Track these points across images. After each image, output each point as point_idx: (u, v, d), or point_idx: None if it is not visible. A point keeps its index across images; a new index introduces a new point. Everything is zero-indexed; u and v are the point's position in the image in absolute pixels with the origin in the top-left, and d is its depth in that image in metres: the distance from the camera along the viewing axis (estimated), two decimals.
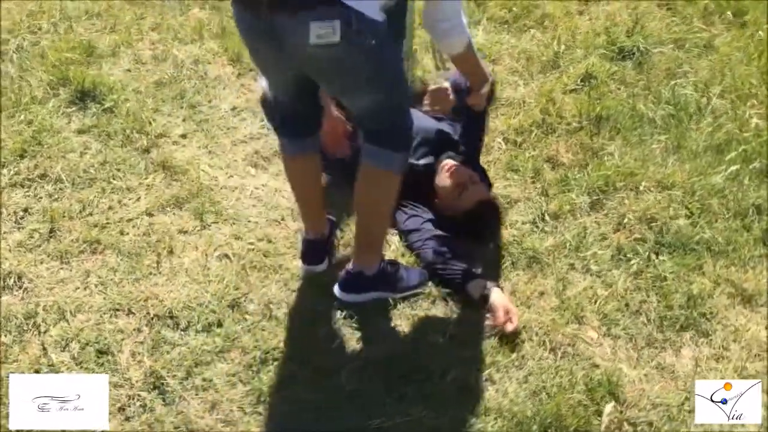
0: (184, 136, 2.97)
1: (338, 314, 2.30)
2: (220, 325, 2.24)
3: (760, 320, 2.37)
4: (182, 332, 2.22)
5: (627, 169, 2.87)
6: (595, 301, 2.40)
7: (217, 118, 3.07)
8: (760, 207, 2.72)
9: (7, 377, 2.03)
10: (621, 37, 3.61)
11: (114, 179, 2.73)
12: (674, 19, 3.76)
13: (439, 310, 2.35)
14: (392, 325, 2.29)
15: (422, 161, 2.76)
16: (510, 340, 2.24)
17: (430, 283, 2.41)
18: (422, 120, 2.79)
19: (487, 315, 2.30)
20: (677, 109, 3.16)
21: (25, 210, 2.57)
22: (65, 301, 2.27)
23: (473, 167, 2.76)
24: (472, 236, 2.61)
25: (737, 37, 3.60)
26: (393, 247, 2.56)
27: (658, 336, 2.31)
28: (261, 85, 2.83)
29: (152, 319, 2.24)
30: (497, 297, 2.32)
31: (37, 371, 2.08)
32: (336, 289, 2.34)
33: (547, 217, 2.71)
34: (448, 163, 2.74)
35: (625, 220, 2.67)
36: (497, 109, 3.26)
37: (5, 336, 2.17)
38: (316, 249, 2.43)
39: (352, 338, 2.23)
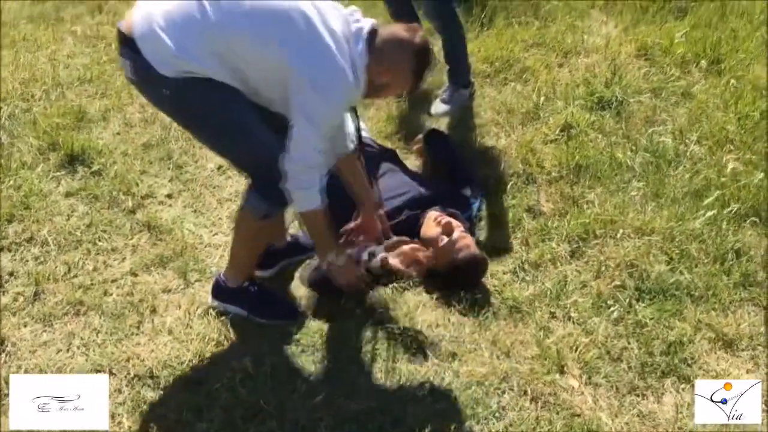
0: (170, 195, 3.03)
1: (318, 368, 2.31)
2: (200, 383, 2.25)
3: (740, 365, 2.37)
4: (163, 392, 2.22)
5: (606, 217, 2.90)
6: (576, 349, 2.40)
7: (203, 177, 3.13)
8: (738, 251, 2.74)
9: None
10: (600, 87, 3.68)
11: (99, 240, 2.77)
12: (651, 69, 3.84)
13: (419, 362, 2.35)
14: (372, 378, 2.29)
15: (407, 214, 2.81)
16: (491, 389, 2.24)
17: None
18: (402, 189, 2.85)
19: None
20: (655, 156, 3.21)
21: (11, 274, 2.61)
22: (47, 364, 2.28)
23: (459, 220, 2.80)
24: (456, 288, 2.63)
25: (714, 84, 3.67)
26: None
27: (640, 383, 2.31)
28: None
29: (133, 379, 2.25)
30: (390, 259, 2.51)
31: None
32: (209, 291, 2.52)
33: (527, 267, 2.73)
34: (433, 213, 2.78)
35: (605, 268, 2.69)
36: (479, 160, 3.32)
37: None
38: (265, 256, 2.59)
39: (332, 392, 2.23)
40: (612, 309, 2.53)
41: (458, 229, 2.70)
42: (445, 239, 2.66)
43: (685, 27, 4.08)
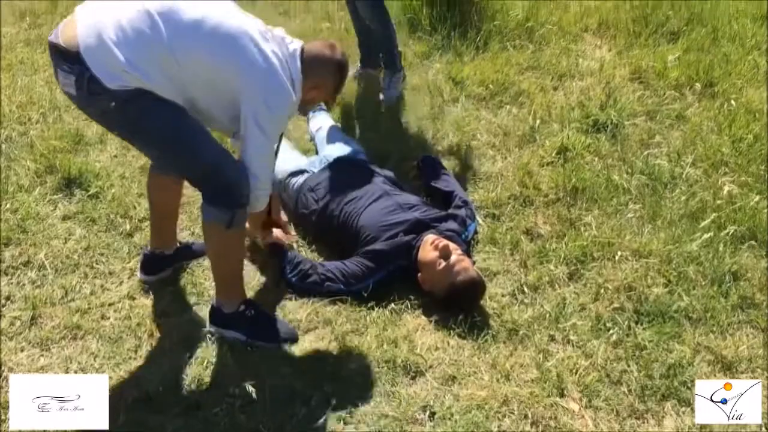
0: None
1: (317, 392, 2.29)
2: (199, 408, 2.23)
3: None
4: (160, 416, 2.20)
5: (604, 239, 2.91)
6: (576, 372, 2.39)
7: (200, 200, 3.12)
8: (736, 273, 2.75)
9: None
10: (595, 110, 3.71)
11: (97, 264, 2.76)
12: (646, 92, 3.88)
13: (419, 386, 2.34)
14: (372, 402, 2.28)
15: (405, 238, 2.81)
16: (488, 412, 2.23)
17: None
18: (398, 213, 2.86)
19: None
20: (651, 178, 3.23)
21: (8, 298, 2.59)
22: None
23: (457, 242, 2.81)
24: (455, 310, 2.62)
25: (707, 107, 3.71)
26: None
27: (640, 406, 2.30)
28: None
29: (131, 403, 2.23)
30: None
31: None
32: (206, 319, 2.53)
33: (526, 289, 2.73)
34: (430, 236, 2.78)
35: (604, 290, 2.70)
36: (476, 183, 3.34)
37: None
38: (153, 262, 2.68)
39: (331, 418, 2.22)
40: (611, 332, 2.53)
41: (456, 252, 2.71)
42: (443, 263, 2.66)
43: (678, 51, 4.13)
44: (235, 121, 2.28)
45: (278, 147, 2.51)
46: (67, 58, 2.11)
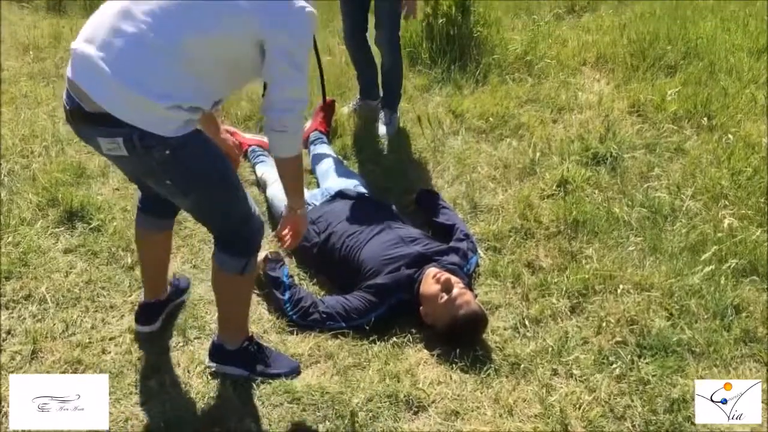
0: None
1: (321, 428, 2.28)
2: None
3: None
4: None
5: (605, 272, 2.91)
6: (580, 407, 2.38)
7: (201, 233, 3.13)
8: (738, 307, 2.75)
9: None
10: (594, 143, 3.74)
11: (98, 297, 2.75)
12: (644, 125, 3.91)
13: (422, 421, 2.33)
14: None
15: (407, 271, 2.81)
16: None
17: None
18: (400, 247, 2.86)
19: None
20: (652, 211, 3.24)
21: (8, 332, 2.58)
22: None
23: (458, 275, 2.81)
24: (457, 344, 2.62)
25: (706, 140, 3.73)
26: None
27: None
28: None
29: None
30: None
31: None
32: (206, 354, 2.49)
33: (528, 323, 2.73)
34: (432, 270, 2.78)
35: (606, 324, 2.69)
36: (477, 215, 3.35)
37: None
38: (149, 312, 2.62)
39: None
40: (614, 366, 2.52)
41: (457, 286, 2.71)
42: (445, 296, 2.66)
43: (676, 84, 4.17)
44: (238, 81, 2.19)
45: None
46: (100, 123, 1.96)
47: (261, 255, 2.89)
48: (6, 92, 4.16)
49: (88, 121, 1.99)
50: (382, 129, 3.99)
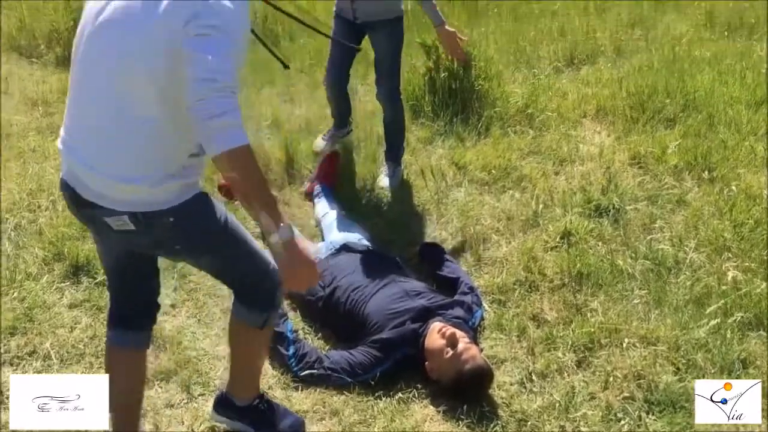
0: (173, 306, 3.03)
1: None
2: None
3: None
4: None
5: (611, 325, 2.90)
6: None
7: (207, 287, 3.14)
8: (745, 361, 2.73)
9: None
10: (596, 195, 3.76)
11: (102, 353, 2.74)
12: (646, 177, 3.94)
13: None
14: None
15: (412, 326, 2.81)
16: None
17: None
18: (404, 300, 2.87)
19: None
20: (656, 263, 3.25)
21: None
22: None
23: (463, 329, 2.80)
24: (463, 400, 2.60)
25: (707, 192, 3.76)
26: None
27: None
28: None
29: None
30: None
31: None
32: (211, 405, 2.43)
33: (534, 377, 2.71)
34: (437, 324, 2.78)
35: (613, 378, 2.67)
36: (481, 268, 3.36)
37: None
38: None
39: None
40: (622, 422, 2.50)
41: (463, 340, 2.70)
42: (450, 351, 2.65)
43: (676, 137, 4.21)
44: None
45: None
46: (105, 208, 1.98)
47: None
48: (14, 147, 4.21)
49: (88, 205, 2.00)
50: (385, 181, 4.04)
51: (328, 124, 4.38)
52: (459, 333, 2.72)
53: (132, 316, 2.28)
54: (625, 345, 2.81)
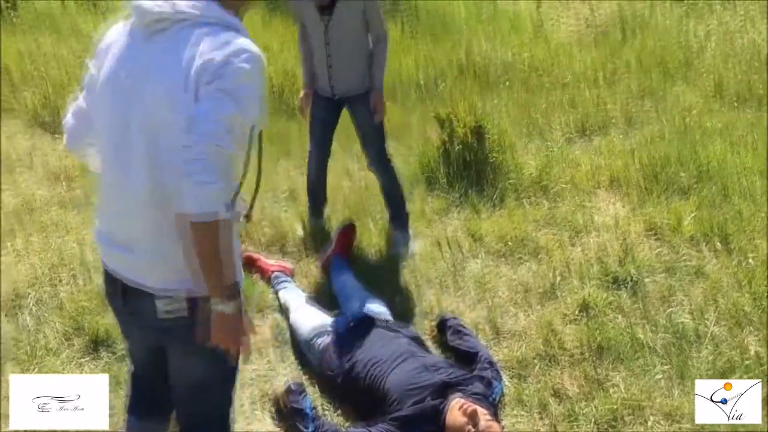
0: None
1: None
2: None
3: None
4: None
5: (634, 402, 2.87)
6: None
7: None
8: None
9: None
10: (614, 266, 3.76)
11: (121, 429, 2.72)
12: (662, 248, 3.95)
13: None
14: None
15: (431, 402, 2.78)
16: None
17: None
18: (424, 375, 2.85)
19: None
20: (676, 336, 3.23)
21: None
22: None
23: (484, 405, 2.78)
24: None
25: (725, 264, 3.75)
26: None
27: None
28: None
29: None
30: None
31: None
32: None
33: None
34: (459, 401, 2.75)
35: None
36: (499, 341, 3.34)
37: None
38: None
39: None
40: None
41: (484, 417, 2.67)
42: (472, 429, 2.62)
43: (691, 207, 4.23)
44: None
45: None
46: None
47: (284, 385, 2.89)
48: (37, 221, 4.28)
49: (133, 293, 1.88)
50: (398, 251, 4.06)
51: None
52: (480, 410, 2.69)
53: (152, 408, 2.22)
54: (649, 423, 2.78)
